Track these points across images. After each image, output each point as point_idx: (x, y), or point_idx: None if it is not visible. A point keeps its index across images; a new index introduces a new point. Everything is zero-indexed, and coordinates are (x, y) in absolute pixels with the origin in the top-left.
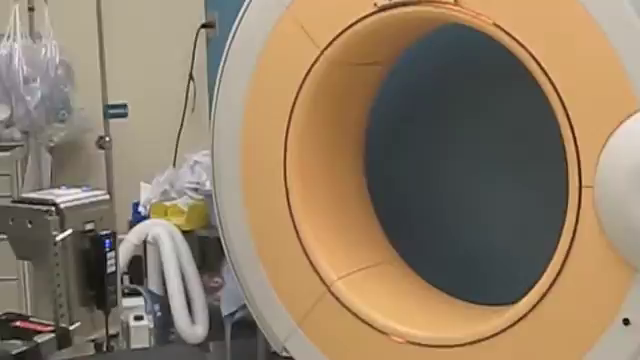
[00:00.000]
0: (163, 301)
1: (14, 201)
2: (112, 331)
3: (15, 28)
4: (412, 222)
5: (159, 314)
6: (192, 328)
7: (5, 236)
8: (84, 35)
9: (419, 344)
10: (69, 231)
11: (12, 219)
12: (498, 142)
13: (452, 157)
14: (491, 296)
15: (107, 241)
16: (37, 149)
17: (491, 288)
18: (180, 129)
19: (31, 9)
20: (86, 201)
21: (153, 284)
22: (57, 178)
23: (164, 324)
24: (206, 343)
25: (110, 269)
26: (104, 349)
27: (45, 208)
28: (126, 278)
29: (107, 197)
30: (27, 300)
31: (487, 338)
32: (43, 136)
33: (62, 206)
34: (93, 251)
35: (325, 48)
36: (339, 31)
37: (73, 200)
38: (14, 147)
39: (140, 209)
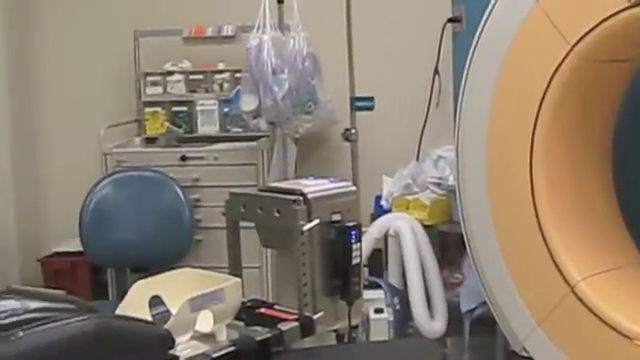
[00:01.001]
0: (402, 295)
1: (262, 190)
2: (354, 322)
3: (265, 20)
4: None
5: (398, 307)
6: (430, 323)
7: (252, 224)
8: (332, 27)
9: None
10: (316, 221)
11: (260, 208)
12: None
13: None
14: None
15: (353, 232)
16: (283, 140)
17: None
18: (424, 123)
19: (280, 1)
20: (333, 192)
21: (393, 277)
22: (301, 169)
23: (403, 318)
24: (444, 338)
25: (355, 260)
26: (345, 340)
27: (293, 198)
28: (365, 270)
29: (354, 189)
30: (268, 288)
31: None
32: (289, 127)
33: (310, 196)
34: (339, 242)
35: (575, 44)
36: (590, 27)
37: (320, 190)
38: (261, 137)
39: (382, 202)
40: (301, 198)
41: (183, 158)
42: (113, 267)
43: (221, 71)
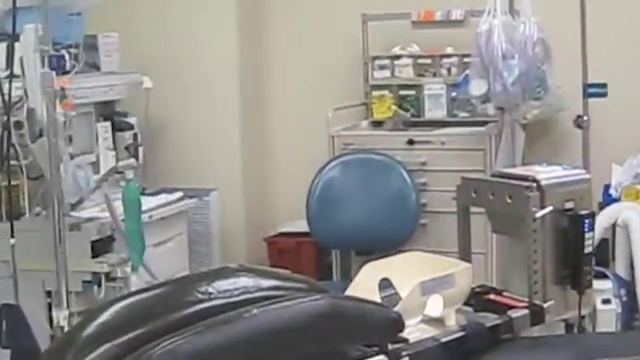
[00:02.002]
0: (629, 286)
1: (494, 175)
2: (583, 312)
3: (495, 4)
4: None
5: (625, 299)
6: None
7: (479, 209)
8: (563, 13)
9: None
10: (549, 208)
11: (492, 193)
12: None
13: None
14: None
15: (586, 221)
16: (511, 125)
17: None
18: None
19: None
20: (566, 179)
21: (620, 268)
22: (528, 155)
23: (629, 309)
24: None
25: (587, 249)
26: (575, 330)
27: (526, 184)
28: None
29: (587, 176)
30: (493, 274)
31: None
32: (517, 113)
33: (543, 183)
34: (571, 230)
35: None
36: None
37: (554, 177)
38: (488, 122)
39: (611, 191)
40: (534, 185)
41: (410, 142)
42: (338, 249)
43: (449, 55)
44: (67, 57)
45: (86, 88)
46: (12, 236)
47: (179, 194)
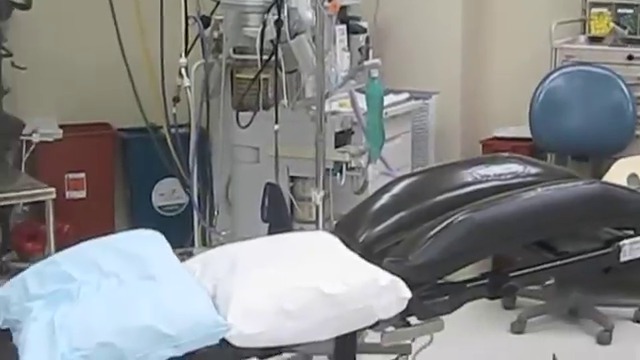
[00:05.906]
0: None
1: None
2: None
3: None
4: None
5: None
6: None
7: None
8: None
9: None
10: None
11: None
12: None
13: None
14: None
15: None
16: None
17: None
18: None
19: None
20: None
21: None
22: None
23: None
24: None
25: None
26: None
27: None
28: None
29: None
30: None
31: None
32: None
33: None
34: None
35: None
36: None
37: None
38: None
39: None
40: None
41: (630, 57)
42: (555, 152)
43: None
44: None
45: None
46: (276, 122)
47: (406, 95)
